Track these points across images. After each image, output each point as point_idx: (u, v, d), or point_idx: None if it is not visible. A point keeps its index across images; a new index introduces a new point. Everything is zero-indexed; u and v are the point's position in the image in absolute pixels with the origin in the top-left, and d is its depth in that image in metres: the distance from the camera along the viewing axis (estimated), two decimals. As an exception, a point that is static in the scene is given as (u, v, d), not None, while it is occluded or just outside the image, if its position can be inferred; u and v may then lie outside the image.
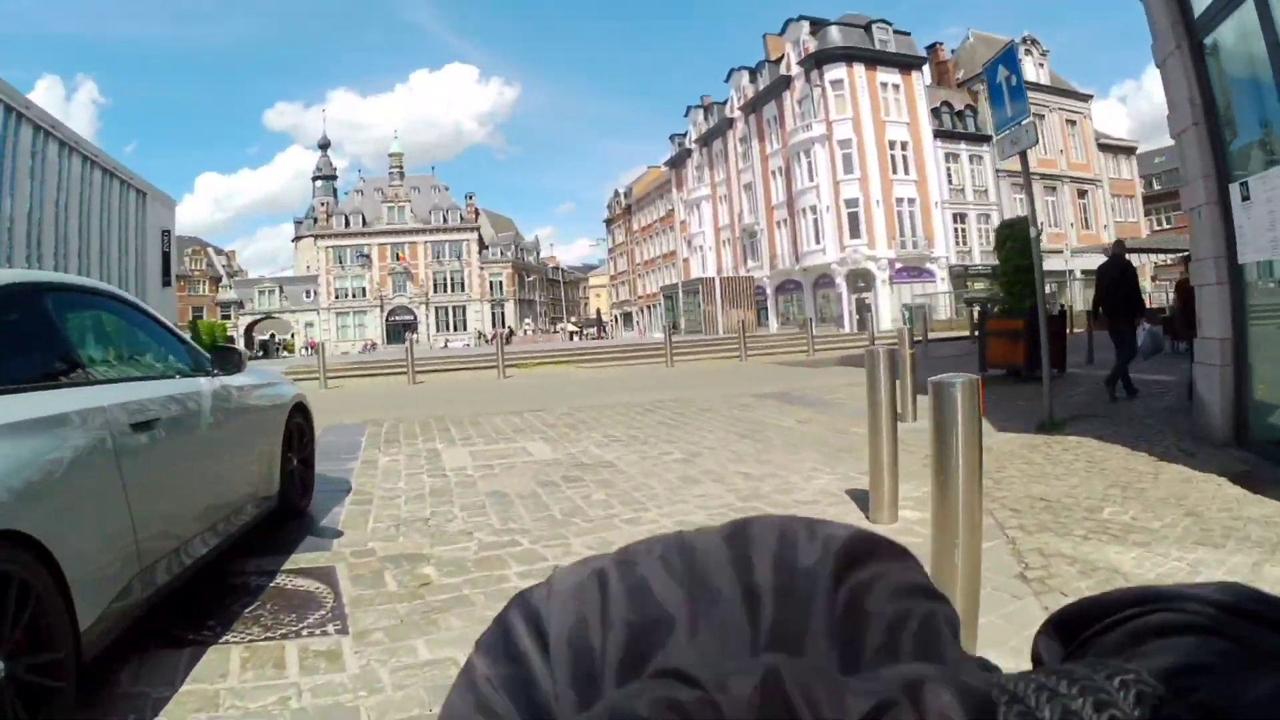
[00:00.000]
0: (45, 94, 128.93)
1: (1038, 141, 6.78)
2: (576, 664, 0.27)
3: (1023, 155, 6.40)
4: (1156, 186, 47.84)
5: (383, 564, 3.36)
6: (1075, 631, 0.31)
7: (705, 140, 47.55)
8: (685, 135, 50.93)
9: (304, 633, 2.62)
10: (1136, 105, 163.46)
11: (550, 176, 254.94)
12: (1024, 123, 6.31)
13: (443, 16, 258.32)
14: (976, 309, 22.83)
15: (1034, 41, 38.93)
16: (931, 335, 20.60)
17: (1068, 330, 10.77)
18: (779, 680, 0.22)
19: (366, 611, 2.80)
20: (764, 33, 41.78)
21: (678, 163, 52.12)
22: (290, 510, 4.02)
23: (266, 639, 2.58)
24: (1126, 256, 8.09)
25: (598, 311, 69.72)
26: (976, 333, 10.78)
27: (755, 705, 0.22)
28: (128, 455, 2.28)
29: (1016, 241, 10.33)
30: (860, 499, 4.06)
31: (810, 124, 34.83)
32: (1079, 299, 27.48)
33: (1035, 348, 7.03)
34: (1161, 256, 27.08)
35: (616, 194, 68.04)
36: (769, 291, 39.51)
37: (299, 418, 4.27)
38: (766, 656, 0.24)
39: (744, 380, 12.26)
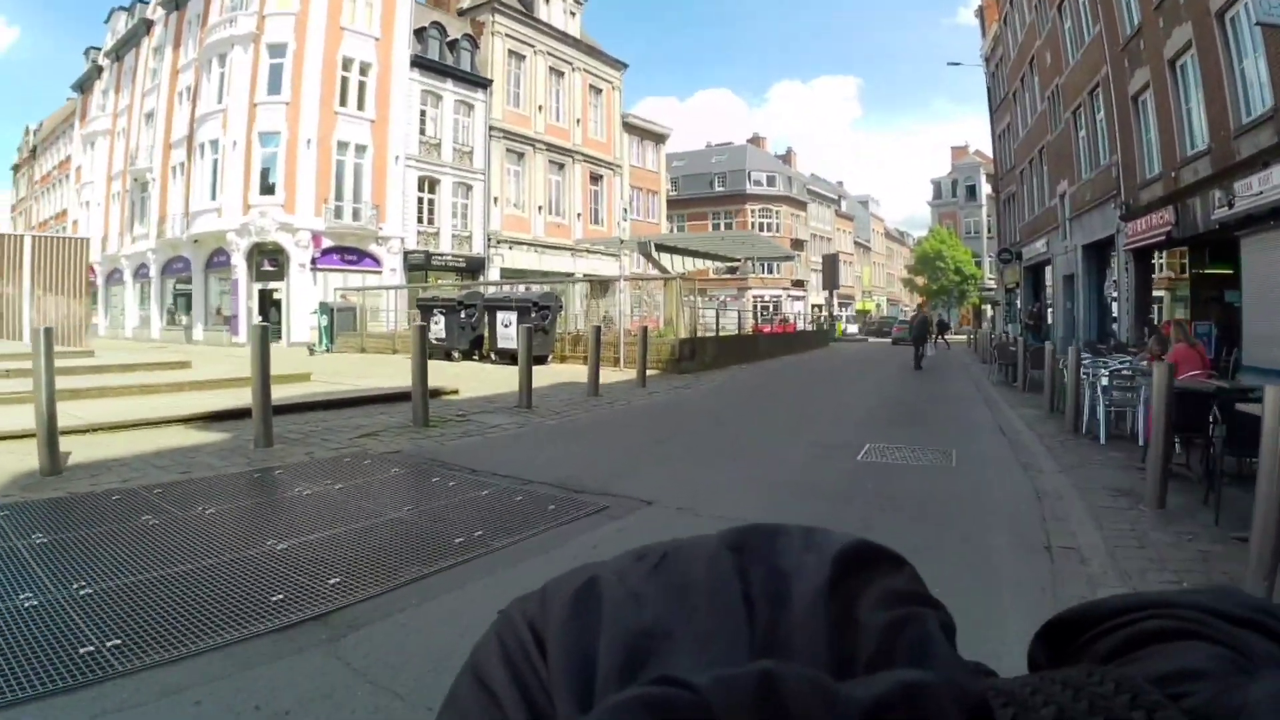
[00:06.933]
0: None
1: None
2: (573, 670, 0.26)
3: None
4: (672, 193, 45.01)
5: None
6: (1071, 636, 0.31)
7: (118, 53, 32.40)
8: (102, 49, 34.94)
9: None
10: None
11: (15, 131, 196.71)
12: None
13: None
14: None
15: (570, -15, 32.78)
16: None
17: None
18: (774, 685, 0.22)
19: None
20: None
21: (85, 85, 35.66)
22: None
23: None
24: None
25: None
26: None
27: (750, 710, 0.21)
28: None
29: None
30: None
31: (235, 18, 23.27)
32: (581, 316, 19.58)
33: None
34: (705, 263, 22.07)
35: (27, 131, 46.74)
36: (153, 272, 26.59)
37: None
38: (761, 662, 0.23)
39: None
